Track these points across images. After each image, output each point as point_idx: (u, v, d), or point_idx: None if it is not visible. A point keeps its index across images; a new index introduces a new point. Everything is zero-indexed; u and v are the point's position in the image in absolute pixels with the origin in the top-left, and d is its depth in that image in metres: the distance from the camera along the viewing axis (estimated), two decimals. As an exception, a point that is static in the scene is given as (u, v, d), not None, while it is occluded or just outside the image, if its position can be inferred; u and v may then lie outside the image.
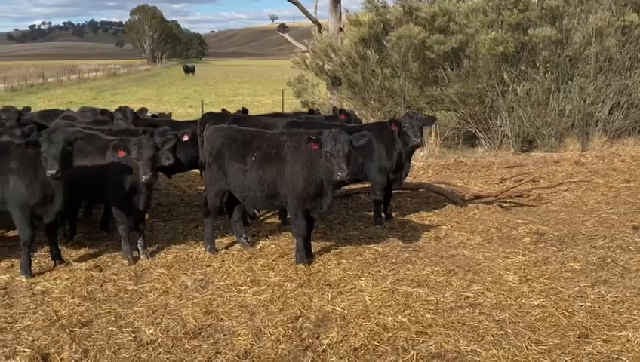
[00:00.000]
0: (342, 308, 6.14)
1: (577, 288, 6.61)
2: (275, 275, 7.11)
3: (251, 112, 12.10)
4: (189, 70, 78.98)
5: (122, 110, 9.93)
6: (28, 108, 10.98)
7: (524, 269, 7.23)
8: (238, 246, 8.19)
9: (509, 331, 5.64)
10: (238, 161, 7.51)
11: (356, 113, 13.71)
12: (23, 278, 6.96)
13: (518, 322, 5.83)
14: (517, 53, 15.75)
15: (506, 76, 15.62)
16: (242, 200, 7.83)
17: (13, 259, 7.54)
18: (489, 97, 15.82)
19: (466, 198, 10.39)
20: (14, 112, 9.83)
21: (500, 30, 15.18)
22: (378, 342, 5.43)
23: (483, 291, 6.59)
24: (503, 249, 8.03)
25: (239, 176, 7.52)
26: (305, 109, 15.50)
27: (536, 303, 6.24)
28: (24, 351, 5.25)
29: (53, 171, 6.43)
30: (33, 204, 6.84)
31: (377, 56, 16.42)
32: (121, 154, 7.16)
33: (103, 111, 10.20)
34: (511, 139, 15.72)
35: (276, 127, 9.15)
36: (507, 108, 15.71)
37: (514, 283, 6.81)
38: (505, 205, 10.27)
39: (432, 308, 6.14)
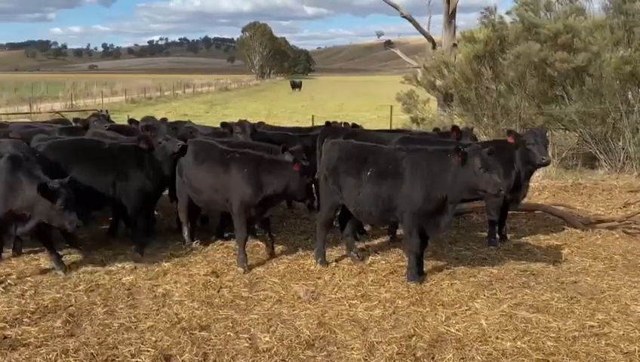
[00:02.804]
0: (457, 330, 5.97)
1: None
2: (385, 291, 7.04)
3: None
4: (295, 85, 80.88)
5: (241, 124, 10.28)
6: (165, 119, 11.64)
7: (653, 300, 6.74)
8: (347, 260, 8.18)
9: (640, 365, 5.28)
10: (354, 175, 7.50)
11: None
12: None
13: (650, 357, 5.44)
14: (644, 73, 14.84)
15: (630, 96, 14.75)
16: (356, 215, 7.83)
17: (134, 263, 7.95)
18: (611, 117, 15.00)
19: (588, 222, 9.83)
20: (161, 123, 10.36)
21: (629, 48, 14.36)
22: (497, 368, 5.22)
23: (608, 321, 6.20)
24: (629, 277, 7.54)
25: (354, 191, 7.51)
26: (415, 126, 15.40)
27: (669, 338, 5.78)
28: (148, 351, 5.49)
29: None
30: None
31: (492, 73, 16.03)
32: (297, 168, 7.43)
33: (224, 125, 10.60)
34: (634, 161, 14.82)
35: (389, 143, 9.10)
36: (631, 130, 14.81)
37: (643, 315, 6.36)
38: (630, 231, 9.64)
39: (553, 335, 5.85)
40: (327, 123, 11.30)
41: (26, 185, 6.82)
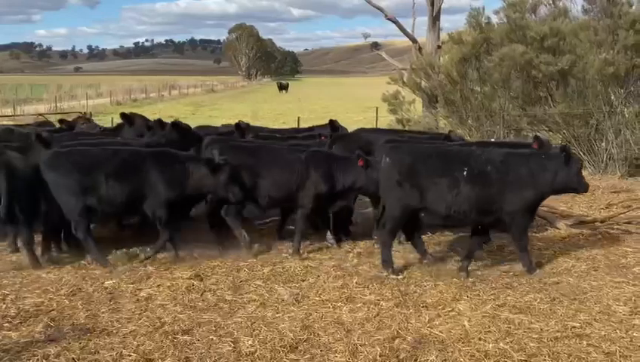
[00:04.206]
0: (440, 332, 5.98)
1: (696, 323, 6.13)
2: (370, 293, 7.03)
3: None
4: (282, 87, 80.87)
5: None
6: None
7: (634, 300, 6.80)
8: (332, 262, 8.19)
9: (620, 366, 5.31)
10: (446, 177, 7.40)
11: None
12: None
13: (630, 356, 5.50)
14: (626, 74, 14.98)
15: (613, 97, 14.89)
16: (445, 217, 7.60)
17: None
18: (594, 119, 15.14)
19: (570, 223, 9.91)
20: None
21: (611, 51, 14.48)
22: (479, 369, 5.24)
23: (590, 321, 6.24)
24: (611, 278, 7.60)
25: (448, 193, 7.37)
26: (400, 126, 15.48)
27: (649, 337, 5.83)
28: (130, 355, 5.45)
29: None
30: None
31: (477, 75, 16.13)
32: (361, 163, 8.25)
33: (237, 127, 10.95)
34: (617, 162, 14.97)
35: (375, 144, 9.18)
36: (614, 131, 14.96)
37: (624, 315, 6.42)
38: (612, 232, 9.73)
39: (535, 336, 5.88)
40: (331, 121, 11.31)
41: (196, 164, 7.92)
